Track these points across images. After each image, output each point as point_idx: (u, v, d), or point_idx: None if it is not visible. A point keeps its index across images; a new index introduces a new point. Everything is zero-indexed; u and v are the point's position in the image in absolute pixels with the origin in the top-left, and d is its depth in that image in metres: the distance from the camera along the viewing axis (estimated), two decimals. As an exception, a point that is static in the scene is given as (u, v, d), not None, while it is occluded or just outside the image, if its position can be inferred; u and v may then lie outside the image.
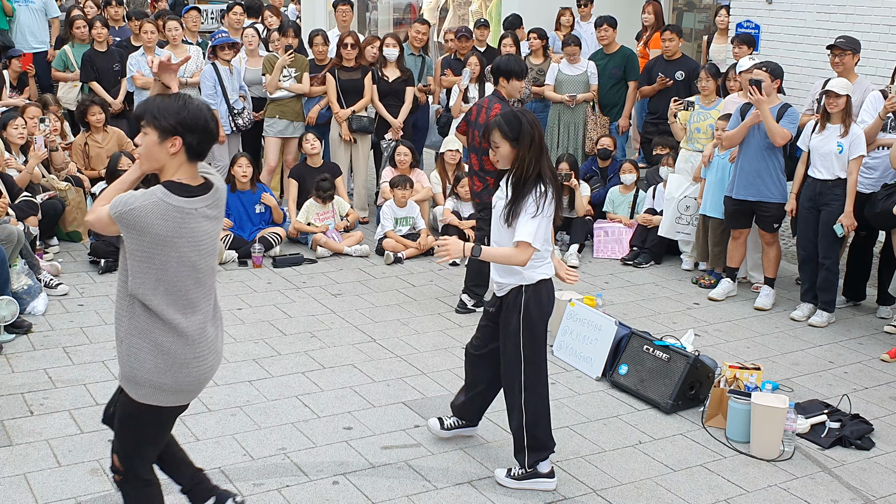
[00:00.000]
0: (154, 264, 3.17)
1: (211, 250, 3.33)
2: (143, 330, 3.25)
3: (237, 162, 8.06)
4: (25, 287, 6.40)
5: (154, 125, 3.20)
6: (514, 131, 4.16)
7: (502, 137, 4.18)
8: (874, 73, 7.96)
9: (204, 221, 3.25)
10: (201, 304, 3.33)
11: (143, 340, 3.25)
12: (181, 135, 3.19)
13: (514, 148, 4.17)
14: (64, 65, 9.68)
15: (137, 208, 3.10)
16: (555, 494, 4.39)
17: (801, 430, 5.02)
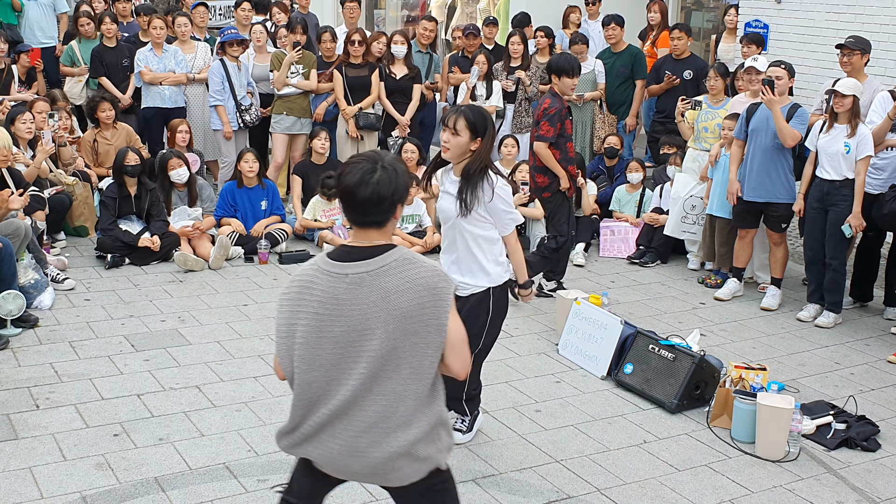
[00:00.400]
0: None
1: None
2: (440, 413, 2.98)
3: (243, 157, 8.06)
4: (32, 281, 6.42)
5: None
6: (480, 127, 4.28)
7: (466, 127, 4.26)
8: (883, 73, 7.93)
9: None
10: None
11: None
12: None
13: (472, 140, 4.28)
14: (71, 60, 9.70)
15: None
16: (559, 493, 4.39)
17: (807, 431, 5.01)
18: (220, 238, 7.61)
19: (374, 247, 2.83)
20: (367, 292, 2.76)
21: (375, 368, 2.78)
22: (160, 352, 5.82)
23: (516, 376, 5.70)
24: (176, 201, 7.94)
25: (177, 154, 7.93)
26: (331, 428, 2.87)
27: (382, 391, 2.80)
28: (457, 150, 4.31)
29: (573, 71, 6.64)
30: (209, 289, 7.05)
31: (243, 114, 8.87)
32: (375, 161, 2.81)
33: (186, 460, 4.52)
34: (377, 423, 2.81)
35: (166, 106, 8.99)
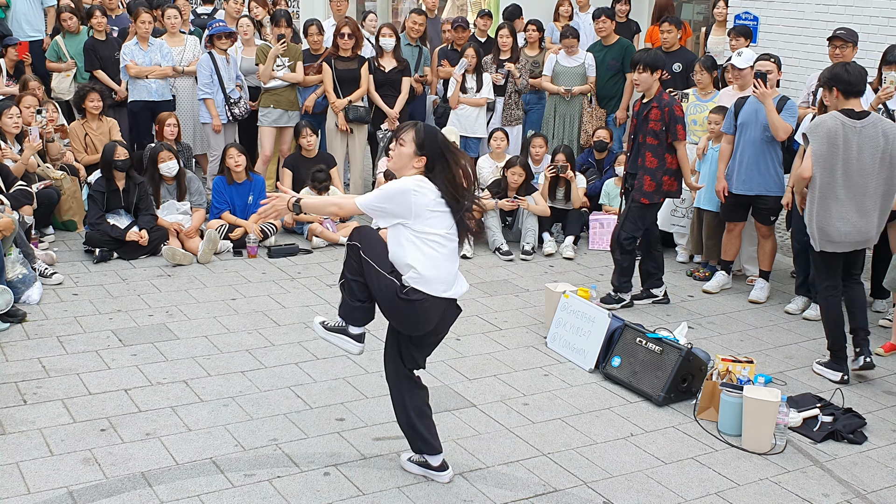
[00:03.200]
0: None
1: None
2: None
3: (228, 153, 8.03)
4: (20, 276, 6.40)
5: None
6: (428, 145, 4.02)
7: (412, 141, 4.02)
8: (873, 65, 7.94)
9: None
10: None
11: None
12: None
13: (416, 156, 4.02)
14: (57, 55, 9.65)
15: None
16: (545, 486, 4.40)
17: (794, 423, 5.03)
18: (209, 232, 7.59)
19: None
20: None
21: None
22: (148, 346, 5.81)
23: (504, 369, 5.70)
24: (165, 195, 7.92)
25: (166, 147, 7.90)
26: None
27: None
28: (397, 161, 4.07)
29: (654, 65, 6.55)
30: (197, 283, 7.04)
31: (232, 107, 8.85)
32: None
33: (173, 455, 4.51)
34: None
35: (153, 99, 8.96)
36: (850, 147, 5.38)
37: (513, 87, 9.27)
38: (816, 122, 5.50)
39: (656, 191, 6.60)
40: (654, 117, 6.51)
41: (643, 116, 6.58)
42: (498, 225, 8.15)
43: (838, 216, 5.43)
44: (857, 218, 5.45)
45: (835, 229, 5.45)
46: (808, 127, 5.54)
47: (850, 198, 5.42)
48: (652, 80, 6.50)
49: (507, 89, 9.27)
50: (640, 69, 6.47)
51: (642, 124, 6.59)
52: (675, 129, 6.50)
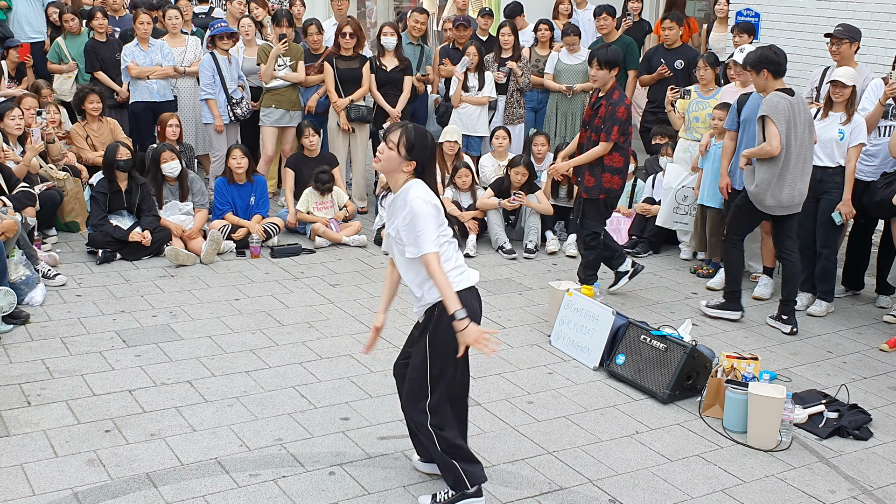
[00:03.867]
0: None
1: None
2: None
3: (231, 154, 8.03)
4: (23, 277, 6.39)
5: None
6: (418, 149, 3.91)
7: (403, 145, 3.90)
8: (874, 61, 7.93)
9: None
10: None
11: None
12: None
13: (405, 160, 3.92)
14: (58, 57, 9.66)
15: None
16: (551, 484, 4.39)
17: (799, 420, 5.02)
18: (212, 232, 7.59)
19: None
20: None
21: None
22: (152, 347, 5.81)
23: (509, 368, 5.70)
24: (167, 195, 7.91)
25: (169, 148, 7.90)
26: None
27: None
28: (386, 164, 3.93)
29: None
30: (201, 283, 7.03)
31: (234, 107, 8.85)
32: None
33: (178, 455, 4.51)
34: None
35: (154, 100, 8.96)
36: (796, 122, 6.08)
37: (514, 85, 9.26)
38: (773, 104, 6.05)
39: (595, 186, 6.59)
40: (600, 114, 6.52)
41: (594, 111, 6.61)
42: (501, 223, 8.14)
43: (790, 184, 6.14)
44: (800, 183, 6.20)
45: (787, 195, 6.15)
46: (768, 110, 6.06)
47: (797, 166, 6.14)
48: (609, 77, 6.46)
49: (509, 88, 9.26)
50: (596, 66, 6.48)
51: (592, 119, 6.62)
52: (609, 129, 6.45)
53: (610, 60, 6.44)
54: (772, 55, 6.17)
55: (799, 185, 6.19)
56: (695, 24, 10.45)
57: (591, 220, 6.72)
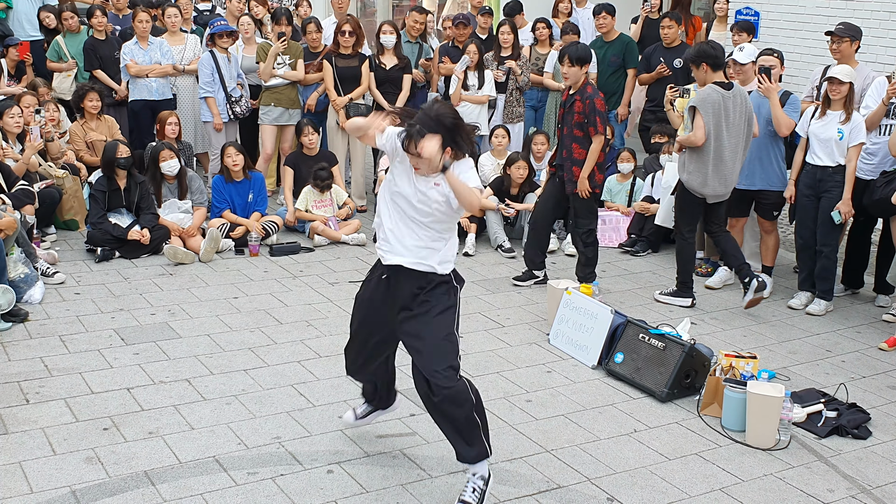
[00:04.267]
0: None
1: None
2: None
3: (226, 152, 8.02)
4: (22, 275, 6.39)
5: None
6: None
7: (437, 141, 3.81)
8: (874, 59, 7.93)
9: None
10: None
11: None
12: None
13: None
14: (57, 55, 9.65)
15: None
16: (549, 483, 4.39)
17: (798, 419, 5.02)
18: (211, 231, 7.58)
19: None
20: None
21: None
22: (150, 345, 5.81)
23: (507, 366, 5.69)
24: (166, 194, 7.91)
25: (168, 146, 7.89)
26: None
27: None
28: (429, 167, 3.85)
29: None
30: (199, 282, 7.03)
31: (233, 105, 8.84)
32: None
33: (176, 454, 4.51)
34: None
35: (154, 98, 8.95)
36: (728, 114, 6.37)
37: (514, 84, 9.25)
38: (703, 96, 6.38)
39: (588, 180, 6.67)
40: (577, 109, 6.57)
41: (568, 108, 6.66)
42: (500, 223, 8.14)
43: (721, 174, 6.46)
44: (731, 172, 6.51)
45: (720, 184, 6.49)
46: (697, 101, 6.38)
47: (730, 157, 6.45)
48: (580, 73, 6.55)
49: (509, 86, 9.25)
50: (567, 63, 6.54)
51: (567, 116, 6.67)
52: (594, 121, 6.55)
53: (581, 57, 6.53)
54: (710, 49, 6.49)
55: (730, 176, 6.51)
56: (699, 23, 10.44)
57: (584, 217, 6.79)
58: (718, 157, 6.41)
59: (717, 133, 6.36)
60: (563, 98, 6.80)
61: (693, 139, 6.38)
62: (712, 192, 6.51)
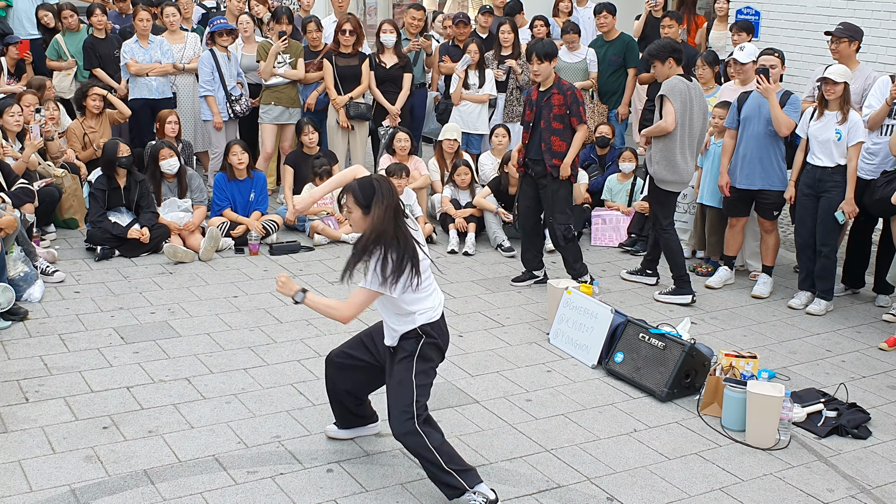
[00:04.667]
0: None
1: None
2: None
3: (231, 150, 8.02)
4: (22, 274, 6.39)
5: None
6: (366, 198, 3.97)
7: (355, 203, 4.00)
8: (875, 59, 7.94)
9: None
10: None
11: None
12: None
13: (364, 215, 4.01)
14: (57, 54, 9.64)
15: None
16: (549, 482, 4.39)
17: (798, 418, 5.01)
18: (211, 230, 7.58)
19: None
20: None
21: None
22: (150, 344, 5.80)
23: (507, 366, 5.69)
24: (166, 192, 7.90)
25: (167, 144, 7.89)
26: None
27: None
28: (358, 226, 4.06)
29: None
30: (199, 280, 7.03)
31: (233, 104, 8.84)
32: None
33: (176, 452, 4.50)
34: None
35: (153, 97, 8.94)
36: (693, 105, 6.53)
37: (514, 83, 9.25)
38: (671, 85, 6.49)
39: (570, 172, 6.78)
40: (556, 102, 6.63)
41: (544, 102, 6.68)
42: (499, 222, 8.13)
43: (684, 160, 6.60)
44: (691, 161, 6.70)
45: (686, 172, 6.66)
46: (666, 90, 6.49)
47: (690, 146, 6.63)
48: (550, 68, 6.61)
49: (509, 85, 9.25)
50: (536, 61, 6.57)
51: (544, 110, 6.69)
52: (577, 112, 6.64)
53: (548, 52, 6.59)
54: (676, 44, 6.74)
55: (691, 162, 6.71)
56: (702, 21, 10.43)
57: (561, 212, 6.85)
58: (683, 145, 6.55)
59: (682, 121, 6.51)
60: (534, 97, 6.77)
61: (664, 125, 6.48)
62: (685, 177, 6.65)
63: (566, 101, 6.62)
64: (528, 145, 6.86)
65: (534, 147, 6.80)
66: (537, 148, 6.77)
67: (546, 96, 6.68)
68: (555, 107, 6.64)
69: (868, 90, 6.90)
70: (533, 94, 6.81)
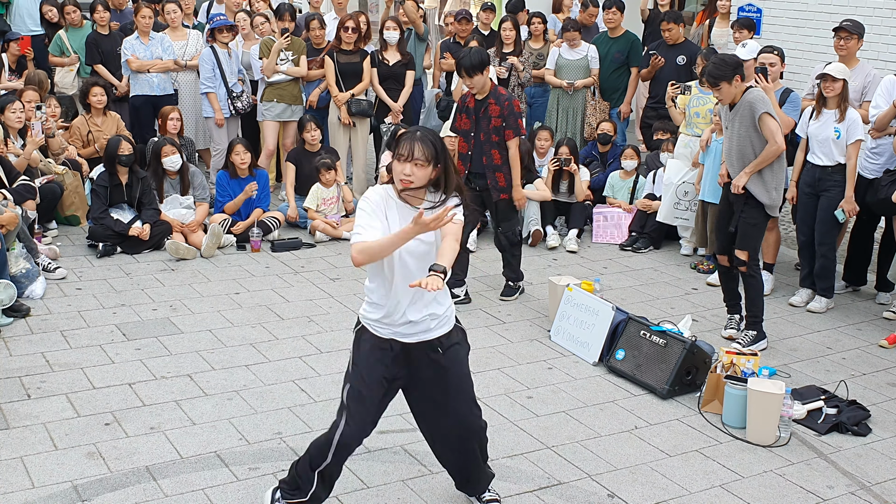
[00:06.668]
0: None
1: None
2: None
3: (234, 149, 8.03)
4: (24, 271, 6.40)
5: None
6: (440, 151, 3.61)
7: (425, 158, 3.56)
8: (876, 57, 7.92)
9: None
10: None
11: None
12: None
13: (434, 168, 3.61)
14: (60, 50, 9.65)
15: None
16: (550, 479, 4.40)
17: (798, 415, 5.02)
18: (212, 226, 7.59)
19: None
20: None
21: None
22: (152, 341, 5.81)
23: (508, 363, 5.70)
24: (168, 189, 7.91)
25: (170, 141, 7.90)
26: None
27: None
28: (420, 182, 3.59)
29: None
30: (201, 277, 7.04)
31: (235, 101, 8.84)
32: None
33: (178, 449, 4.52)
34: None
35: (155, 94, 8.94)
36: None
37: (516, 80, 9.25)
38: (761, 99, 5.67)
39: (510, 184, 6.50)
40: (493, 113, 6.32)
41: (482, 114, 6.37)
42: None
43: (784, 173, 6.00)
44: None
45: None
46: (762, 106, 5.66)
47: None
48: (484, 79, 6.27)
49: (511, 82, 9.25)
50: (466, 76, 6.21)
51: (482, 122, 6.38)
52: (515, 125, 6.33)
53: (474, 65, 6.20)
54: (737, 58, 5.85)
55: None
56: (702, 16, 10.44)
57: (510, 220, 6.65)
58: (781, 157, 5.81)
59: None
60: (471, 104, 6.44)
61: (778, 147, 5.66)
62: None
63: (503, 112, 6.29)
64: (470, 157, 6.49)
65: (476, 161, 6.47)
66: (478, 161, 6.47)
67: (483, 106, 6.36)
68: (492, 118, 6.33)
69: (868, 87, 6.90)
70: (469, 102, 6.47)
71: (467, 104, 6.50)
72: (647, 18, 10.22)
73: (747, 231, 5.86)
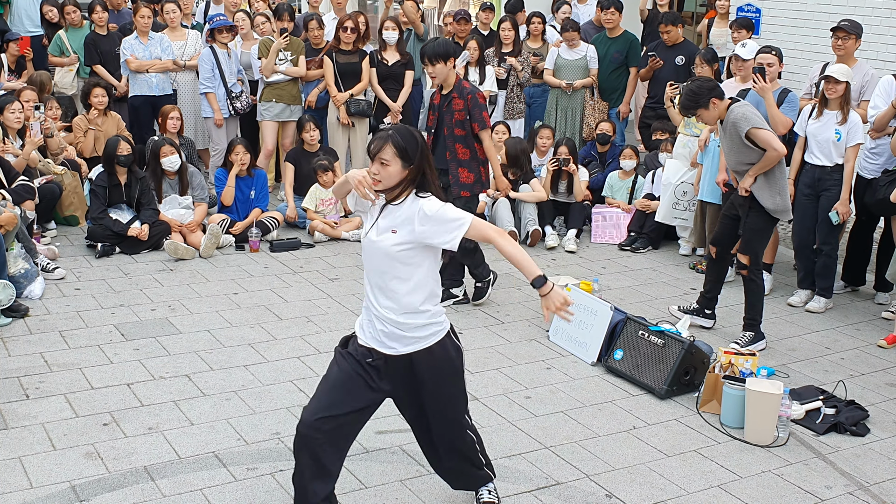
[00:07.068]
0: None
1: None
2: None
3: (234, 149, 8.03)
4: (22, 271, 6.40)
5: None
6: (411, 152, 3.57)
7: (395, 155, 3.55)
8: (875, 57, 7.92)
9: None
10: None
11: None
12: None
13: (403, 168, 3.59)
14: (59, 50, 9.65)
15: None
16: (548, 479, 4.40)
17: (796, 416, 5.02)
18: (211, 227, 7.59)
19: None
20: None
21: None
22: (150, 341, 5.81)
23: (507, 363, 5.70)
24: (167, 189, 7.91)
25: (169, 141, 7.90)
26: None
27: None
28: (387, 182, 3.60)
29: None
30: (200, 277, 7.04)
31: (234, 101, 8.84)
32: None
33: (176, 449, 4.52)
34: None
35: (154, 94, 8.94)
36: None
37: (515, 80, 9.25)
38: (743, 116, 5.64)
39: (476, 182, 6.42)
40: (456, 107, 6.25)
41: (445, 108, 6.31)
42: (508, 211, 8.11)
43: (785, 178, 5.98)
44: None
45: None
46: (745, 124, 5.61)
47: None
48: (447, 69, 6.19)
49: (510, 83, 9.25)
50: (429, 64, 6.15)
51: (444, 116, 6.31)
52: (480, 118, 6.24)
53: (439, 53, 6.14)
54: (710, 82, 5.84)
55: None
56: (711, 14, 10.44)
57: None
58: (781, 162, 5.80)
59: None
60: (436, 100, 6.38)
61: (777, 153, 5.65)
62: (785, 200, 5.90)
63: (466, 105, 6.20)
64: (433, 152, 6.31)
65: (439, 156, 6.33)
66: (442, 157, 6.35)
67: (446, 101, 6.29)
68: (455, 112, 6.24)
69: (866, 87, 6.90)
70: (435, 98, 6.41)
71: (433, 100, 6.47)
72: (645, 18, 10.24)
73: (751, 236, 5.88)
